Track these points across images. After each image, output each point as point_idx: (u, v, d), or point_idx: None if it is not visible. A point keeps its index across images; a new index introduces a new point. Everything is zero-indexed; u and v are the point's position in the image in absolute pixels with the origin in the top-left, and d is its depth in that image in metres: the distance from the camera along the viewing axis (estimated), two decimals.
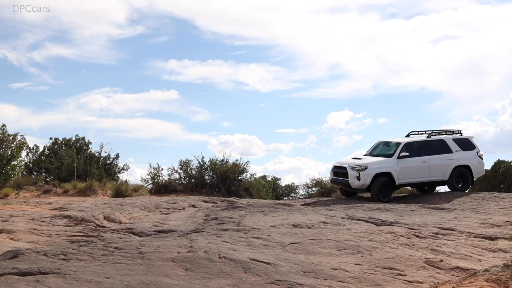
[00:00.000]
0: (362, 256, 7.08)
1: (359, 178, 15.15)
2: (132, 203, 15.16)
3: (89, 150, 27.17)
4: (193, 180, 22.41)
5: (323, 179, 23.01)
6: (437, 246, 7.86)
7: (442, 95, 58.80)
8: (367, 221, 10.82)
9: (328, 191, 21.90)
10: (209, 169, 22.66)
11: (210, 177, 22.54)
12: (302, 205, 14.55)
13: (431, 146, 15.91)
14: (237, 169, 22.48)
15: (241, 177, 22.70)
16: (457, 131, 16.70)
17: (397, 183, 15.40)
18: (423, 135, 16.58)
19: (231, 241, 7.81)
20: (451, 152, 15.89)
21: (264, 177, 29.36)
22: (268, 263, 6.44)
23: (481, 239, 8.85)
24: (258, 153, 49.80)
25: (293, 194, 29.09)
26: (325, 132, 56.62)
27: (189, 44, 56.67)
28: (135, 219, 12.61)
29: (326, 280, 5.91)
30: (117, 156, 27.21)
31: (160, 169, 22.92)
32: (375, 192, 15.15)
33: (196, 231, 9.52)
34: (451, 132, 16.64)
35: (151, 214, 13.51)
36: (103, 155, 26.69)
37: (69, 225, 11.20)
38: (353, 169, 15.31)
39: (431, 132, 16.45)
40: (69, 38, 52.34)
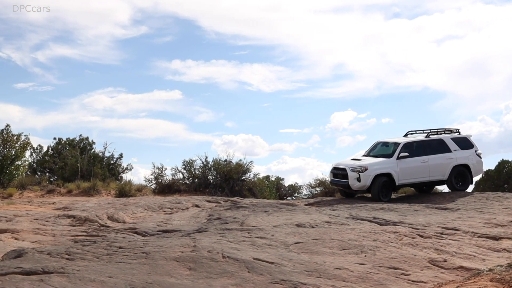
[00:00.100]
0: (365, 256, 7.07)
1: (359, 180, 15.08)
2: (136, 203, 15.18)
3: (93, 150, 27.20)
4: (196, 180, 22.42)
5: (327, 179, 22.95)
6: (441, 246, 7.85)
7: (446, 95, 58.72)
8: (370, 220, 10.81)
9: (332, 191, 21.86)
10: (212, 169, 22.67)
11: (213, 177, 22.55)
12: (306, 205, 14.54)
13: (430, 145, 15.85)
14: (240, 169, 22.48)
15: (244, 177, 22.70)
16: (455, 130, 16.63)
17: (397, 183, 15.33)
18: (421, 134, 16.52)
19: (234, 240, 7.81)
20: (450, 151, 15.82)
21: (267, 177, 29.34)
22: (272, 263, 6.44)
23: (485, 239, 8.83)
24: (262, 153, 49.82)
25: (296, 194, 29.07)
26: (328, 132, 56.61)
27: (192, 44, 56.74)
28: (138, 219, 12.63)
29: (330, 280, 5.90)
30: (121, 156, 27.28)
31: (163, 169, 22.98)
32: (375, 193, 15.09)
33: (199, 230, 9.53)
34: (449, 131, 16.58)
35: (155, 214, 13.53)
36: (106, 155, 26.75)
37: (72, 224, 11.22)
38: (353, 170, 15.23)
39: (429, 131, 16.40)
40: (73, 38, 52.50)
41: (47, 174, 26.08)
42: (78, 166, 23.41)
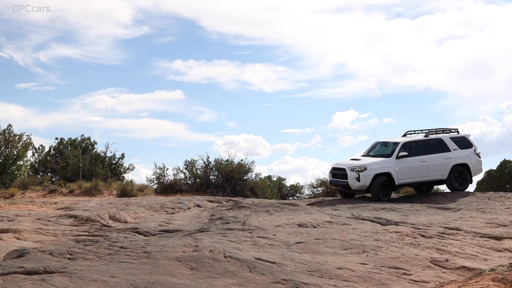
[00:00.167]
0: (367, 256, 7.06)
1: (358, 179, 15.05)
2: (138, 203, 15.19)
3: (95, 150, 27.22)
4: (198, 180, 22.43)
5: (328, 179, 22.95)
6: (442, 246, 7.84)
7: (448, 95, 58.62)
8: (372, 220, 10.80)
9: (333, 191, 21.84)
10: (214, 169, 22.68)
11: (215, 177, 22.55)
12: (308, 204, 14.54)
13: (429, 145, 15.83)
14: (242, 169, 22.49)
15: (246, 177, 22.70)
16: (454, 130, 16.62)
17: (396, 183, 15.30)
18: (420, 134, 16.51)
19: (236, 240, 7.81)
20: (449, 150, 15.81)
21: (269, 177, 29.34)
22: (274, 263, 6.44)
23: (487, 238, 8.82)
24: (263, 153, 49.80)
25: (298, 194, 29.06)
26: (330, 132, 56.56)
27: (194, 44, 56.74)
28: (140, 218, 12.64)
29: (332, 280, 5.90)
30: (123, 156, 27.30)
31: (165, 169, 22.99)
32: (375, 193, 15.06)
33: (201, 230, 9.53)
34: (447, 130, 16.57)
35: (157, 214, 13.54)
36: (108, 155, 26.76)
37: (74, 224, 11.23)
38: (352, 170, 15.19)
39: (427, 131, 16.39)
40: (74, 38, 52.53)
41: (49, 174, 26.11)
42: (80, 166, 23.44)
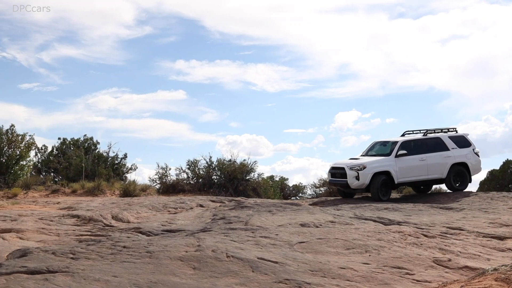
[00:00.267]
0: (370, 255, 7.06)
1: (358, 178, 15.02)
2: (140, 202, 15.21)
3: (97, 150, 27.28)
4: (200, 180, 22.45)
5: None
6: (445, 246, 7.83)
7: (451, 95, 58.51)
8: (375, 220, 10.79)
9: (336, 191, 21.82)
10: (216, 169, 22.70)
11: (217, 177, 22.57)
12: (310, 204, 14.53)
13: (428, 144, 15.84)
14: (244, 169, 22.50)
15: (248, 177, 22.71)
16: (452, 129, 16.62)
17: (396, 181, 15.27)
18: (418, 134, 16.51)
19: (238, 240, 7.81)
20: (447, 149, 15.82)
21: (271, 177, 29.36)
22: (276, 262, 6.44)
23: (489, 238, 8.80)
24: (266, 153, 49.80)
25: (300, 194, 29.07)
26: (333, 132, 56.52)
27: (196, 44, 56.74)
28: (143, 218, 12.65)
29: (334, 279, 5.89)
30: (125, 156, 27.37)
31: (168, 169, 23.03)
32: (375, 192, 15.03)
33: (204, 230, 9.53)
34: (446, 130, 16.57)
35: (159, 214, 13.55)
36: (111, 155, 26.82)
37: (77, 224, 11.24)
38: (351, 169, 15.16)
39: (425, 131, 16.39)
40: (77, 38, 52.59)
41: (52, 174, 26.17)
42: (82, 166, 23.48)
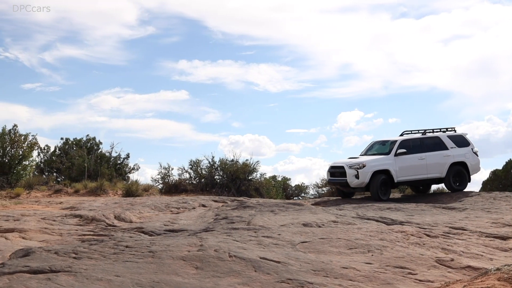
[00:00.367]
0: (372, 255, 7.05)
1: (357, 177, 15.00)
2: (143, 202, 15.22)
3: (100, 150, 27.29)
4: (203, 180, 22.46)
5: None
6: (448, 245, 7.82)
7: (453, 95, 58.39)
8: (377, 220, 10.78)
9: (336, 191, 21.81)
10: (219, 169, 22.70)
11: (220, 177, 22.58)
12: (312, 204, 14.53)
13: (427, 143, 15.88)
14: (247, 169, 22.50)
15: (251, 177, 22.71)
16: (451, 129, 16.63)
17: (395, 180, 15.27)
18: (417, 134, 16.52)
19: (241, 240, 7.82)
20: (446, 149, 15.84)
21: (274, 177, 29.36)
22: (278, 262, 6.43)
23: (492, 238, 8.79)
24: (268, 153, 49.77)
25: (303, 194, 29.08)
26: (335, 132, 56.44)
27: (199, 44, 56.72)
28: (145, 218, 12.66)
29: (337, 279, 5.89)
30: (128, 156, 27.37)
31: (170, 169, 23.05)
32: (374, 190, 15.02)
33: (206, 230, 9.53)
34: (444, 130, 16.59)
35: (162, 214, 13.56)
36: (113, 155, 26.83)
37: (80, 224, 11.26)
38: (351, 167, 15.16)
39: (424, 131, 16.40)
40: (80, 39, 52.57)
41: (54, 174, 26.20)
42: (85, 166, 23.50)
